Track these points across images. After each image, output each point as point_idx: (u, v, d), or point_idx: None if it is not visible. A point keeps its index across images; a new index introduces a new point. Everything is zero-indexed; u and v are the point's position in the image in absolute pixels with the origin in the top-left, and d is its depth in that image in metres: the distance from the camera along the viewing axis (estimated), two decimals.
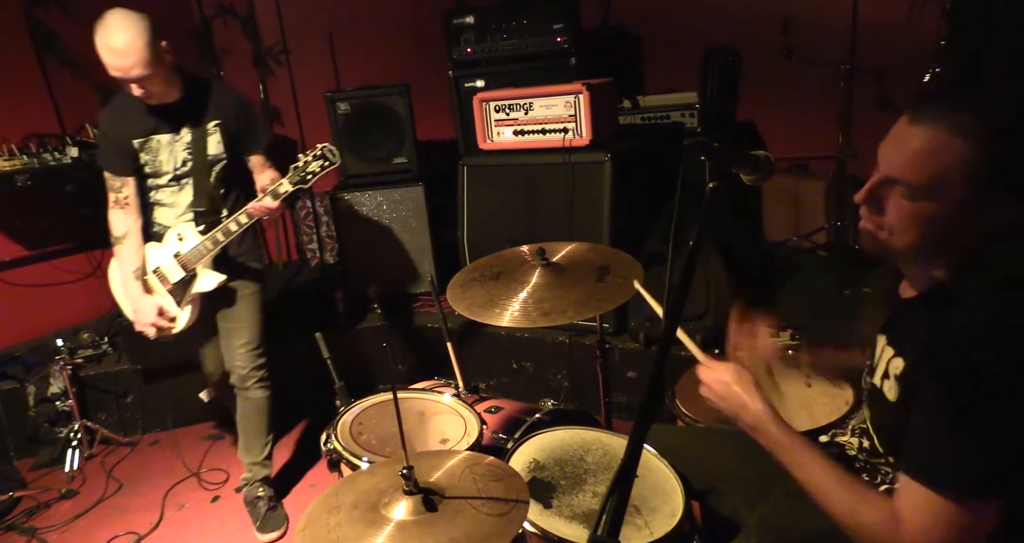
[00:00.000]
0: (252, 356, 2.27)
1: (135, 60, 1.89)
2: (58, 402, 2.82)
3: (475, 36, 3.06)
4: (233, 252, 2.23)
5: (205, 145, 2.12)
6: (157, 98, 2.03)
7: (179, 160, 2.13)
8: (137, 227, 2.17)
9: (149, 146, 2.11)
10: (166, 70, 2.00)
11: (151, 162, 2.12)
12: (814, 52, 2.81)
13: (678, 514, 1.30)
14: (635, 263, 1.67)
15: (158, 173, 2.14)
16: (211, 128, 2.12)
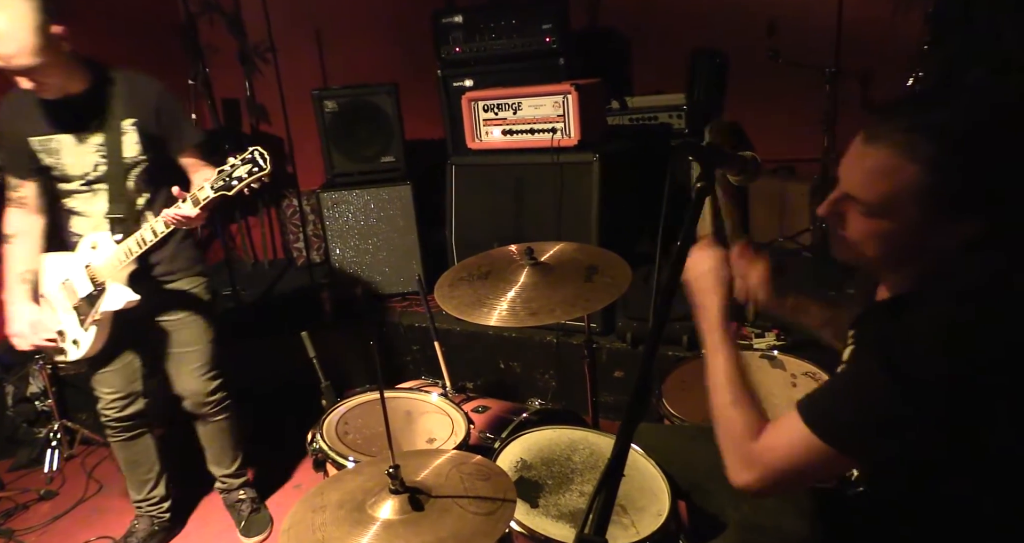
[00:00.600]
0: (205, 380, 2.09)
1: (16, 48, 1.60)
2: (37, 402, 2.77)
3: (464, 35, 3.06)
4: (164, 269, 1.99)
5: (120, 146, 1.85)
6: (53, 92, 1.75)
7: (89, 163, 1.86)
8: (35, 228, 1.95)
9: (50, 147, 1.84)
10: (62, 59, 1.71)
11: (56, 165, 1.86)
12: (800, 54, 2.84)
13: (664, 513, 1.30)
14: (623, 263, 1.68)
15: (66, 177, 1.88)
16: (126, 127, 1.85)
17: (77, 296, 1.90)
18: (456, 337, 2.87)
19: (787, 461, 0.95)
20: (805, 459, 0.93)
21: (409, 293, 3.23)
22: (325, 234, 3.24)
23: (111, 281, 1.85)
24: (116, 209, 1.88)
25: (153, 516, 2.22)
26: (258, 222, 4.09)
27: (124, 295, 1.84)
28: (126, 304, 1.85)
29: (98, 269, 1.86)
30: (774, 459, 0.96)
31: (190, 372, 2.08)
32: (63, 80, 1.76)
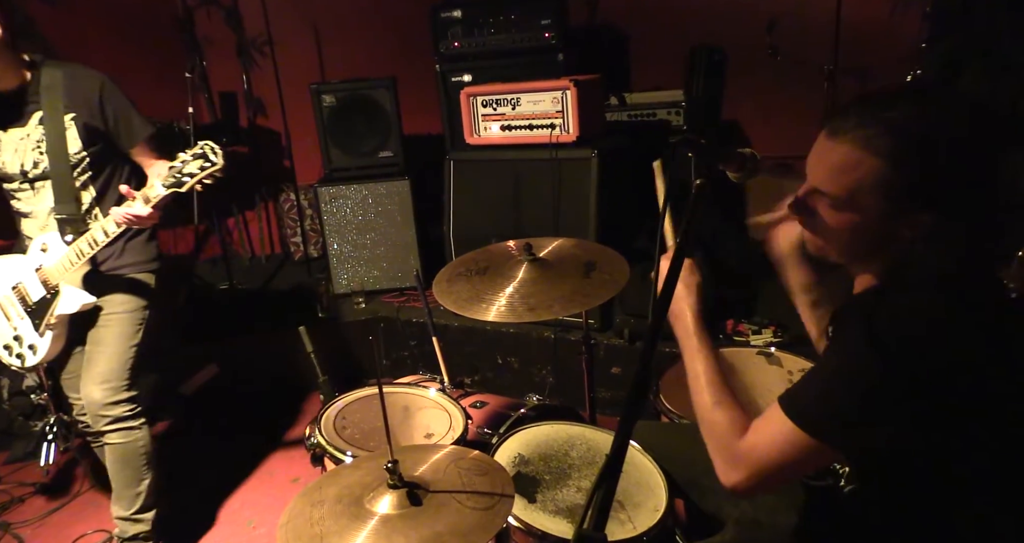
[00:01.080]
0: (104, 389, 1.86)
1: None
2: (33, 395, 2.77)
3: (462, 30, 3.05)
4: (110, 265, 1.90)
5: (63, 142, 1.77)
6: None
7: (29, 160, 1.79)
8: None
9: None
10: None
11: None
12: (798, 52, 2.84)
13: (661, 509, 1.31)
14: (621, 259, 1.68)
15: (6, 176, 1.82)
16: (67, 122, 1.77)
17: (30, 300, 1.84)
18: (454, 332, 2.87)
19: (773, 457, 0.95)
20: (790, 453, 0.94)
21: (407, 288, 3.23)
22: (323, 229, 3.23)
23: (64, 283, 1.79)
24: (63, 208, 1.81)
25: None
26: (255, 216, 4.08)
27: (78, 298, 1.79)
28: (81, 307, 1.79)
29: (49, 272, 1.80)
30: (760, 456, 0.96)
31: (91, 376, 1.88)
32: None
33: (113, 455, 1.94)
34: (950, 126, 0.91)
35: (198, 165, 1.62)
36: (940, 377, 0.87)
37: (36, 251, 1.84)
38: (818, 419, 0.93)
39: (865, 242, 0.98)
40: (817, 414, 0.93)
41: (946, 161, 0.90)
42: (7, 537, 2.30)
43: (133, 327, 1.92)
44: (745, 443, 0.99)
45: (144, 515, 2.00)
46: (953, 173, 0.91)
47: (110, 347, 1.88)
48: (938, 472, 0.95)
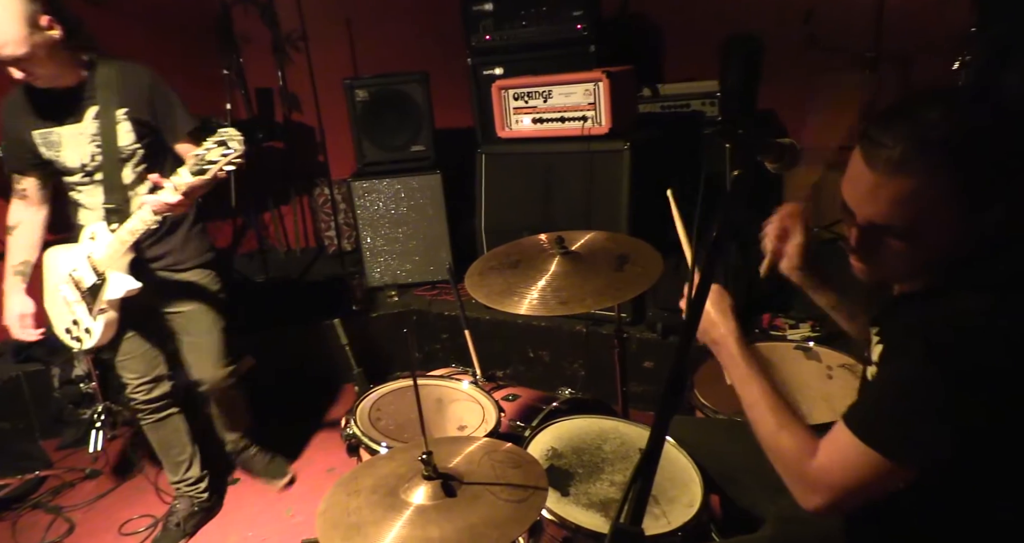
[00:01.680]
0: (219, 368, 2.16)
1: (5, 37, 1.62)
2: (82, 384, 2.87)
3: (494, 23, 3.04)
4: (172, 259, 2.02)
5: (114, 136, 1.86)
6: (45, 82, 1.78)
7: (87, 154, 1.88)
8: (36, 219, 2.00)
9: (50, 140, 1.87)
10: (51, 49, 1.71)
11: (56, 158, 1.89)
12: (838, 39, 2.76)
13: (696, 505, 1.29)
14: (654, 252, 1.66)
15: (67, 169, 1.91)
16: (119, 116, 1.86)
17: (84, 286, 1.93)
18: (485, 326, 2.88)
19: (850, 480, 0.93)
20: (868, 476, 0.92)
21: (439, 282, 3.25)
22: (356, 222, 3.27)
23: (111, 270, 1.88)
24: (111, 199, 1.90)
25: (192, 496, 2.29)
26: (290, 210, 4.16)
27: (125, 283, 1.87)
28: (127, 292, 1.87)
29: (98, 259, 1.89)
30: (836, 480, 0.94)
31: (205, 360, 2.13)
32: (54, 71, 1.77)
33: (229, 400, 2.30)
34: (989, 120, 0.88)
35: (219, 152, 1.66)
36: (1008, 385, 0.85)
37: (86, 240, 1.93)
38: (890, 440, 0.90)
39: (937, 255, 0.95)
40: (889, 435, 0.90)
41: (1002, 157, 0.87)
42: (59, 520, 2.40)
43: (217, 314, 2.14)
44: (818, 467, 0.96)
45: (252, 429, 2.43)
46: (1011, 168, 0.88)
47: (208, 335, 2.13)
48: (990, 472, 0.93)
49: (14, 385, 2.86)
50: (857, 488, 0.93)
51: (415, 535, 1.07)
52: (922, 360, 0.89)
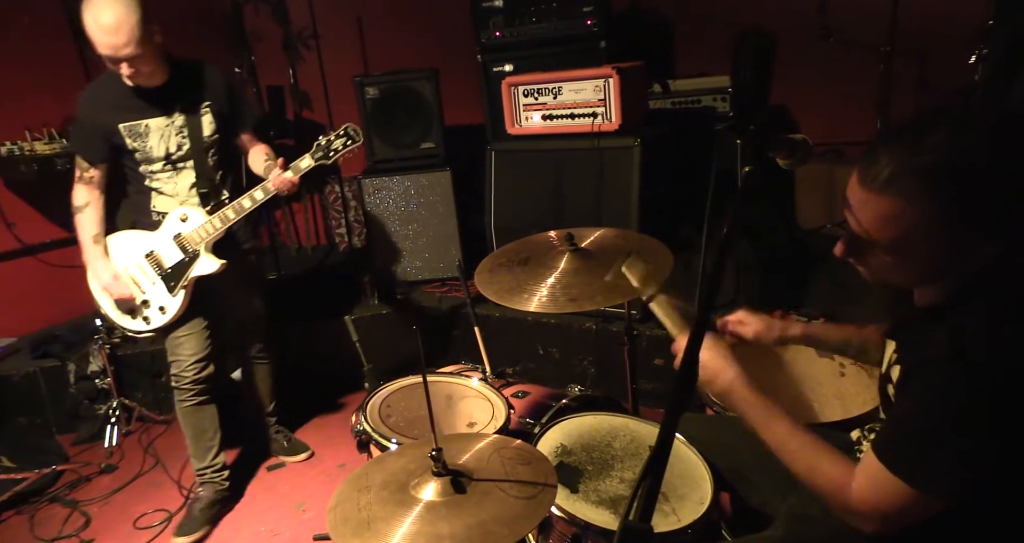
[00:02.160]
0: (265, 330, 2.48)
1: (126, 38, 1.85)
2: (97, 380, 2.91)
3: (504, 19, 3.03)
4: (241, 237, 2.28)
5: (200, 127, 2.12)
6: (144, 79, 1.99)
7: (173, 145, 2.10)
8: (99, 201, 2.16)
9: (138, 131, 2.06)
10: (156, 50, 1.97)
11: (141, 148, 2.08)
12: (852, 33, 2.73)
13: (706, 502, 1.29)
14: (664, 249, 1.65)
15: (149, 159, 2.10)
16: (203, 110, 2.12)
17: (165, 265, 2.14)
18: (495, 323, 2.89)
19: (890, 508, 0.94)
20: (903, 504, 0.92)
21: (449, 278, 3.26)
22: (366, 220, 3.28)
23: (203, 248, 2.11)
24: (203, 184, 2.14)
25: (216, 483, 2.32)
26: (301, 208, 4.18)
27: (213, 262, 2.12)
28: (217, 268, 2.12)
29: (189, 238, 2.11)
30: (879, 509, 0.95)
31: (256, 320, 2.43)
32: (154, 68, 1.99)
33: (264, 373, 2.57)
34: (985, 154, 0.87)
35: (342, 142, 2.03)
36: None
37: (174, 222, 2.13)
38: (921, 473, 0.91)
39: (926, 274, 0.97)
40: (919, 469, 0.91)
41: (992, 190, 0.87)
42: (76, 514, 2.44)
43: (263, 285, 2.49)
44: (858, 499, 0.97)
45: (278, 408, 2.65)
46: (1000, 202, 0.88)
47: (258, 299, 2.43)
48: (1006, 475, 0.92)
49: (31, 381, 2.90)
50: (897, 515, 0.94)
51: (425, 531, 1.08)
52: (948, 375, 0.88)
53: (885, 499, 0.94)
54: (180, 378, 2.22)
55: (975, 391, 0.87)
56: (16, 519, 2.43)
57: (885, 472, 0.93)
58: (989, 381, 0.86)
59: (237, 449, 2.69)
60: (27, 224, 3.15)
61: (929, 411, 0.92)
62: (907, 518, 0.94)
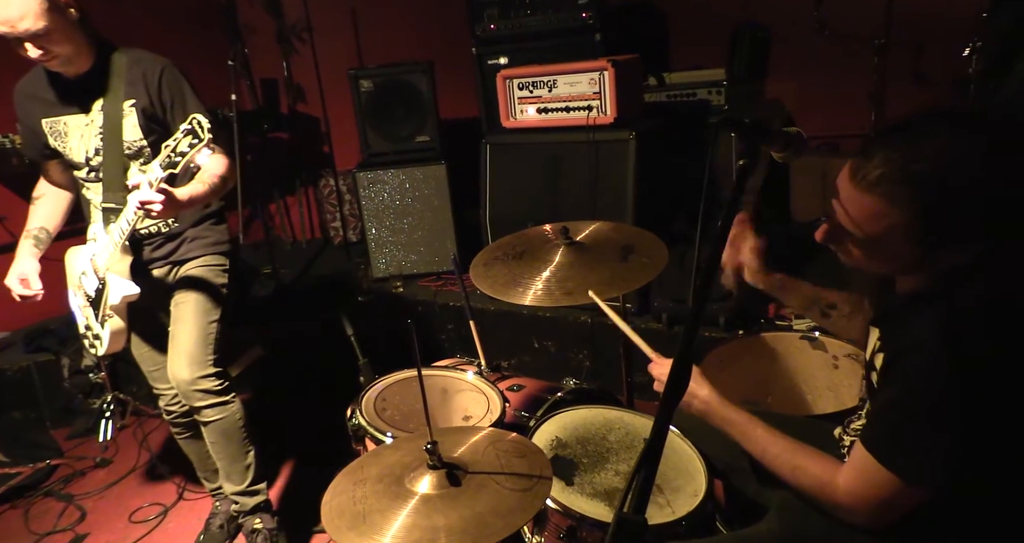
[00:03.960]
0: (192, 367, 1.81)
1: (20, 9, 1.52)
2: (91, 374, 2.90)
3: (499, 12, 3.02)
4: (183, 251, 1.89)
5: (119, 129, 1.73)
6: (60, 64, 1.66)
7: (92, 148, 1.76)
8: (60, 195, 1.91)
9: (57, 129, 1.77)
10: (70, 27, 1.62)
11: (62, 149, 1.78)
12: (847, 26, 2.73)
13: (700, 494, 1.30)
14: (659, 243, 1.66)
15: (73, 163, 1.79)
16: (126, 108, 1.73)
17: (88, 291, 1.85)
18: (490, 316, 2.89)
19: (879, 499, 0.95)
20: (891, 494, 0.94)
21: (444, 272, 3.25)
22: (361, 214, 3.27)
23: (111, 273, 1.76)
24: (110, 198, 1.76)
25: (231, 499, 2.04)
26: (296, 202, 4.16)
27: (123, 288, 1.75)
28: (123, 298, 1.74)
29: (99, 263, 1.79)
30: (868, 501, 0.97)
31: (176, 354, 1.83)
32: (71, 51, 1.66)
33: (213, 434, 1.91)
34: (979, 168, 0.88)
35: (188, 142, 1.52)
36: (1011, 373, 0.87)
37: (90, 241, 1.86)
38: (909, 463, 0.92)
39: (899, 269, 1.00)
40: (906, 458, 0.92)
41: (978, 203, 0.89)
42: (70, 508, 2.43)
43: (211, 303, 1.88)
44: (845, 492, 0.99)
45: (258, 486, 2.00)
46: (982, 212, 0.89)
47: (189, 324, 1.84)
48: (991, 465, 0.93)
49: (25, 375, 2.89)
50: (886, 505, 0.95)
51: (420, 524, 1.08)
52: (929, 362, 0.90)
53: (872, 490, 0.95)
54: (168, 412, 2.01)
55: (956, 377, 0.88)
56: (11, 513, 2.42)
57: (872, 462, 0.94)
58: (969, 367, 0.87)
59: None
60: (19, 218, 3.10)
61: (911, 399, 0.93)
62: (896, 509, 0.95)
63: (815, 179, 3.03)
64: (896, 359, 0.98)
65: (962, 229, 0.90)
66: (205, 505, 2.37)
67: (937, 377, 0.90)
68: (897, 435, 0.94)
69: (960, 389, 0.88)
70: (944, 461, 0.91)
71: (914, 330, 0.94)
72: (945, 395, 0.89)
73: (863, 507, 0.97)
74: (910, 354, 0.94)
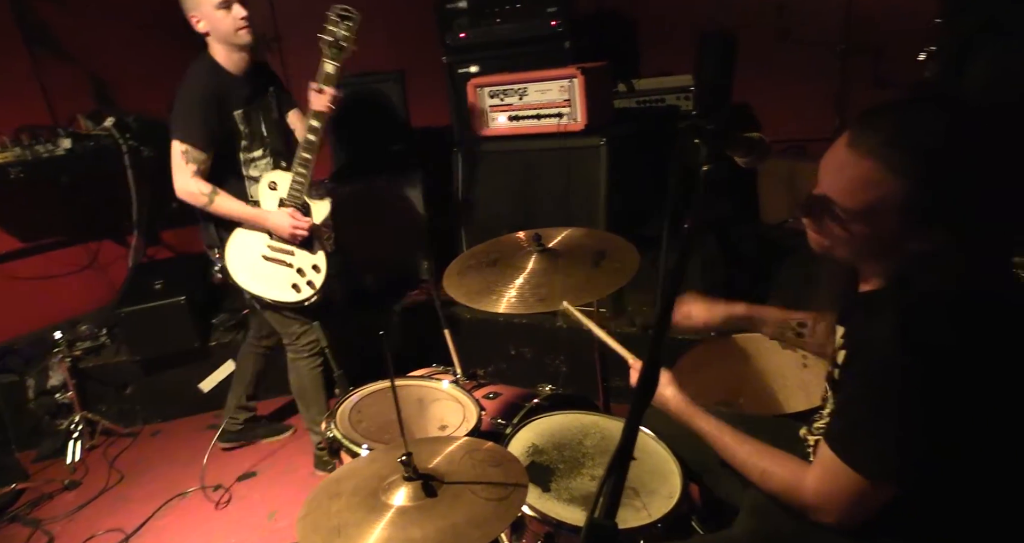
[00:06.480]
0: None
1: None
2: (58, 395, 2.83)
3: (468, 21, 3.03)
4: None
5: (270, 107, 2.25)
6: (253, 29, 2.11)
7: (264, 128, 2.21)
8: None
9: (248, 117, 2.15)
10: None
11: (248, 135, 2.16)
12: (809, 33, 2.80)
13: (676, 496, 1.31)
14: (631, 248, 1.67)
15: (253, 146, 2.19)
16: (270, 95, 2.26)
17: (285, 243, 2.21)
18: (467, 324, 2.88)
19: (846, 498, 0.96)
20: (861, 495, 0.95)
21: (419, 281, 3.24)
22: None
23: (309, 199, 2.20)
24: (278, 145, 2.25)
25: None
26: None
27: (323, 205, 2.23)
28: (330, 210, 2.23)
29: (291, 199, 2.17)
30: (834, 502, 0.97)
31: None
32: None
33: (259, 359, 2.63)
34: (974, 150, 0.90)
35: (346, 26, 2.03)
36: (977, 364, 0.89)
37: (266, 193, 2.18)
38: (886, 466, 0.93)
39: (872, 251, 0.99)
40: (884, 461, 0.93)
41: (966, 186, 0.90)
42: (38, 533, 2.36)
43: None
44: (814, 493, 0.99)
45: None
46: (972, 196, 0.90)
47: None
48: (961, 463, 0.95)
49: None
50: (854, 504, 0.96)
51: (396, 536, 1.07)
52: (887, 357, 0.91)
53: (839, 489, 0.96)
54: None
55: (913, 372, 0.89)
56: None
57: (836, 461, 0.96)
58: (923, 359, 0.89)
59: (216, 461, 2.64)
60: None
61: (869, 393, 0.95)
62: (865, 506, 0.96)
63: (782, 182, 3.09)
64: (855, 355, 0.99)
65: (948, 207, 0.90)
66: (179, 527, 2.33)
67: (892, 371, 0.91)
68: (858, 431, 0.96)
69: (916, 381, 0.89)
70: (907, 455, 0.92)
71: (872, 326, 0.95)
72: (901, 388, 0.91)
73: (832, 506, 0.98)
74: (867, 349, 0.96)
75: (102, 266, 3.41)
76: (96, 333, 3.07)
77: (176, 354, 2.92)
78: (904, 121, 0.93)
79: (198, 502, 2.45)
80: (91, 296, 3.31)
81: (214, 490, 2.49)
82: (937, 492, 0.97)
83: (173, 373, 2.97)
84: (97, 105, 3.28)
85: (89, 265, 3.35)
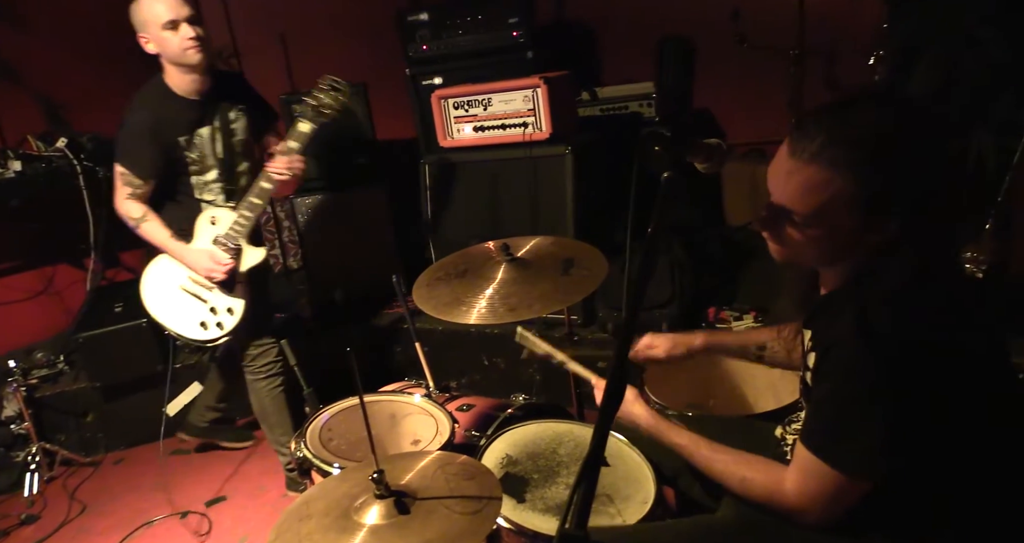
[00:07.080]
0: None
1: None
2: (13, 426, 2.72)
3: (430, 33, 3.03)
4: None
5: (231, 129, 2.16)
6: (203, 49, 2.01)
7: (219, 151, 2.13)
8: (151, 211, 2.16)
9: (194, 142, 2.09)
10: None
11: (197, 160, 2.10)
12: (765, 38, 2.86)
13: (650, 501, 1.31)
14: (599, 255, 1.68)
15: (204, 169, 2.12)
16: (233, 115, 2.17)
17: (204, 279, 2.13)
18: (439, 336, 2.86)
19: (825, 498, 0.97)
20: (839, 491, 0.96)
21: (388, 295, 3.20)
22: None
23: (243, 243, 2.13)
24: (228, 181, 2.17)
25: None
26: None
27: (256, 252, 2.16)
28: (262, 258, 2.16)
29: (226, 237, 2.11)
30: (814, 501, 0.98)
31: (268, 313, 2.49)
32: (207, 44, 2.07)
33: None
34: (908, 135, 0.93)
35: (332, 97, 2.00)
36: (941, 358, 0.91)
37: (205, 227, 2.13)
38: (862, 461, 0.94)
39: (831, 252, 1.01)
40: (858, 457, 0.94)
41: (905, 169, 0.92)
42: None
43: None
44: (794, 494, 1.00)
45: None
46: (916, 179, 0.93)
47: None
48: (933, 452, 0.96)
49: None
50: (833, 501, 0.97)
51: None
52: (854, 354, 0.93)
53: (819, 487, 0.97)
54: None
55: (881, 367, 0.91)
56: None
57: (813, 460, 0.97)
58: (893, 356, 0.91)
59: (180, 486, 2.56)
60: None
61: (839, 391, 0.96)
62: (843, 503, 0.97)
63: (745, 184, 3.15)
64: (824, 355, 1.01)
65: (897, 192, 0.92)
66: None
67: (857, 365, 0.92)
68: (832, 429, 0.97)
69: (882, 373, 0.91)
70: (880, 449, 0.93)
71: (834, 325, 0.97)
72: (869, 383, 0.92)
73: (813, 506, 0.99)
74: (834, 348, 0.97)
75: (58, 290, 3.30)
76: (53, 360, 2.97)
77: (138, 379, 2.83)
78: (839, 120, 0.95)
79: (165, 529, 2.37)
80: (47, 322, 3.20)
81: (182, 517, 2.42)
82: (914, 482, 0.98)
83: (136, 398, 2.88)
84: (49, 125, 3.19)
85: (44, 290, 3.24)
